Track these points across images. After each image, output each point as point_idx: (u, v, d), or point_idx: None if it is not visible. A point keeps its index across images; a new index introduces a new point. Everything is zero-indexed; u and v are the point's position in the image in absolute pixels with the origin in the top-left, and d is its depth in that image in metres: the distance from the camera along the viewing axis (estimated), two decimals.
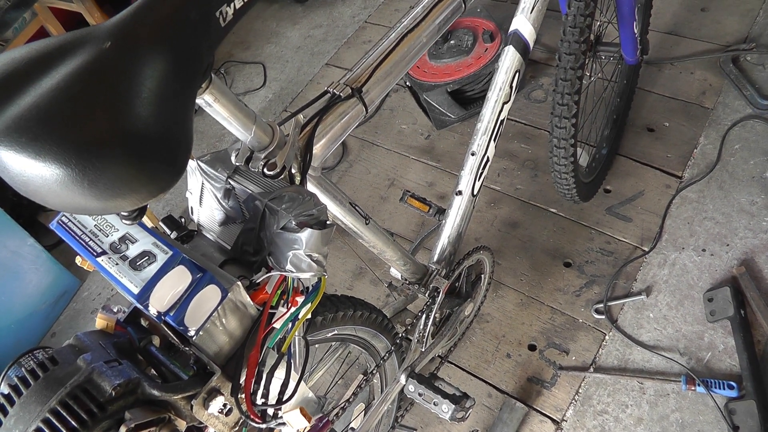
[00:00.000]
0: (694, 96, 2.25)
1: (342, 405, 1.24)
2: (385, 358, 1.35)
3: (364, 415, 1.38)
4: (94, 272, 2.45)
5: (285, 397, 0.80)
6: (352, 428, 1.42)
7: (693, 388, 1.64)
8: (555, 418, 1.73)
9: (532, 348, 1.87)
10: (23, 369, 0.68)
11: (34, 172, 0.53)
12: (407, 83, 2.47)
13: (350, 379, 1.87)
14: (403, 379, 1.40)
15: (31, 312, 2.36)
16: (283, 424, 0.83)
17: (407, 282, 1.40)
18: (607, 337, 1.82)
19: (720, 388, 1.61)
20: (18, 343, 2.31)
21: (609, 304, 1.86)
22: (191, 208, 0.90)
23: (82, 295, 2.50)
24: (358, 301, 1.24)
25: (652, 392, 1.69)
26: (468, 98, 2.42)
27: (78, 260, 0.75)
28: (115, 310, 0.78)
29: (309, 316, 0.83)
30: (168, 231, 0.87)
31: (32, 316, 2.37)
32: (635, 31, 1.80)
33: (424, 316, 1.42)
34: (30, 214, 2.67)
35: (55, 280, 2.42)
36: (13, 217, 2.28)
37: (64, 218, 0.72)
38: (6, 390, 0.66)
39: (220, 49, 3.23)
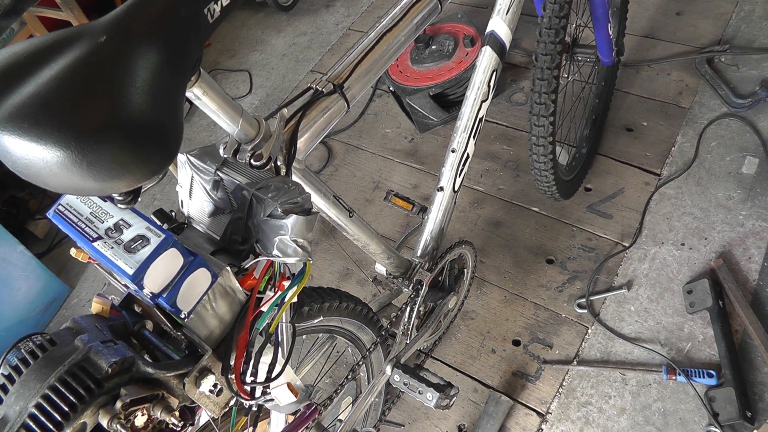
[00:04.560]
0: (671, 96, 2.31)
1: (330, 395, 1.27)
2: (371, 349, 1.38)
3: (352, 407, 1.41)
4: (84, 279, 2.50)
5: (273, 376, 0.84)
6: (340, 419, 1.45)
7: (674, 378, 1.68)
8: (540, 410, 1.77)
9: (516, 343, 1.91)
10: (22, 351, 0.71)
11: (36, 156, 0.56)
12: (390, 88, 2.51)
13: (338, 378, 1.90)
14: (388, 370, 1.43)
15: (21, 319, 2.37)
16: (272, 400, 0.86)
17: (392, 276, 1.43)
18: (589, 331, 1.86)
19: (700, 377, 1.65)
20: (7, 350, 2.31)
21: (591, 298, 1.90)
22: (181, 201, 0.93)
23: (72, 302, 2.51)
24: (343, 293, 1.28)
25: (634, 383, 1.73)
26: (450, 101, 2.47)
27: (72, 252, 0.78)
28: (109, 298, 0.81)
29: (295, 299, 0.86)
30: (159, 224, 0.90)
31: (22, 323, 2.38)
32: (610, 33, 1.85)
33: (408, 308, 1.45)
34: (20, 223, 2.69)
35: (44, 287, 2.44)
36: (3, 225, 2.29)
37: (60, 207, 0.75)
38: (6, 371, 0.69)
39: (206, 57, 3.27)
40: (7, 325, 2.34)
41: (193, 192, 0.91)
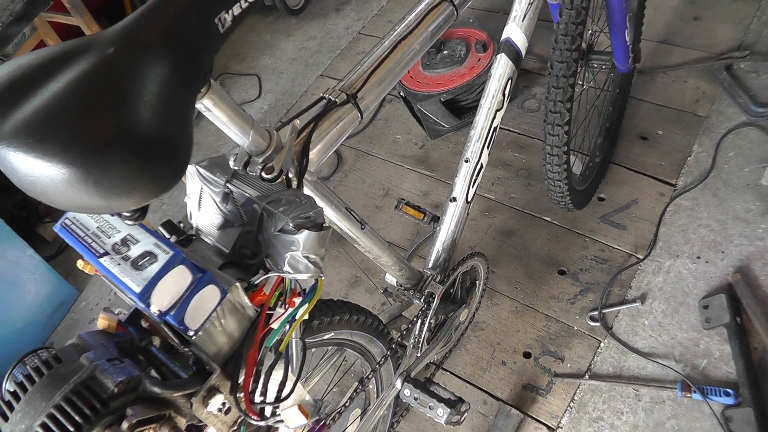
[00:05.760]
0: (688, 104, 2.27)
1: (338, 409, 1.25)
2: (380, 363, 1.36)
3: (360, 420, 1.39)
4: (92, 283, 2.49)
5: (283, 395, 0.82)
6: None
7: (689, 395, 1.64)
8: (550, 425, 1.74)
9: (527, 355, 1.88)
10: (28, 367, 0.69)
11: (42, 173, 0.55)
12: (401, 93, 2.49)
13: (346, 387, 1.88)
14: (398, 383, 1.41)
15: (30, 322, 2.38)
16: (281, 421, 0.84)
17: (402, 288, 1.41)
18: (602, 345, 1.83)
19: (716, 395, 1.61)
20: (16, 352, 2.27)
21: (604, 311, 1.87)
22: (190, 213, 0.91)
23: (80, 305, 2.51)
24: (354, 306, 1.26)
25: (647, 399, 1.70)
26: (461, 108, 2.44)
27: (79, 264, 0.76)
28: (116, 312, 0.79)
29: (306, 317, 0.84)
30: (167, 236, 0.89)
31: (31, 325, 2.38)
32: (627, 39, 1.83)
33: (419, 321, 1.43)
34: (29, 226, 2.70)
35: (53, 290, 2.44)
36: (12, 228, 2.29)
37: (67, 221, 0.73)
38: (12, 387, 0.67)
39: (215, 61, 3.26)
40: (16, 328, 2.34)
41: (201, 204, 0.89)
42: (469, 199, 1.45)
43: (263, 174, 0.84)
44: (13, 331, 2.33)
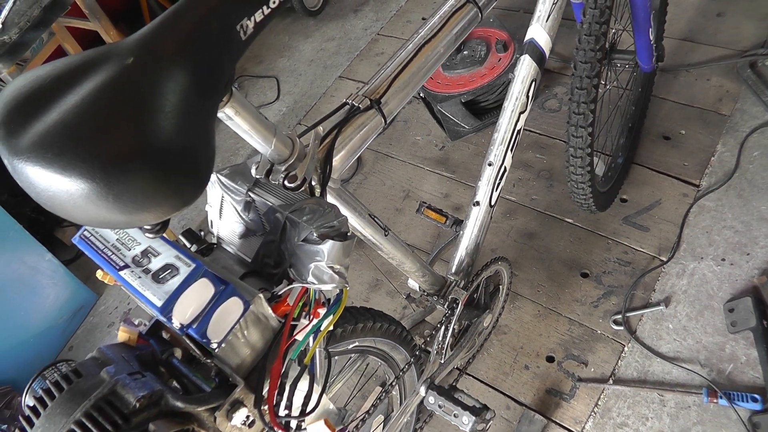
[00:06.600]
0: (711, 103, 2.23)
1: (362, 417, 1.23)
2: (404, 369, 1.34)
3: (383, 428, 1.37)
4: (111, 287, 2.49)
5: (308, 409, 0.80)
6: None
7: (715, 401, 1.61)
8: (574, 430, 1.71)
9: (550, 359, 1.86)
10: (47, 381, 0.68)
11: (60, 187, 0.53)
12: (421, 94, 2.47)
13: (368, 392, 1.86)
14: (422, 390, 1.39)
15: (49, 326, 2.38)
16: None
17: (425, 293, 1.39)
18: (626, 349, 1.80)
19: (743, 401, 1.58)
20: (37, 357, 2.33)
21: (627, 315, 1.85)
22: (211, 221, 0.90)
23: (99, 309, 2.51)
24: (377, 312, 1.24)
25: (672, 404, 1.67)
26: (482, 109, 2.42)
27: (99, 274, 0.75)
28: (136, 323, 0.78)
29: (331, 328, 0.82)
30: (188, 244, 0.87)
31: (50, 330, 2.39)
32: (650, 38, 1.80)
33: (442, 327, 1.41)
34: (47, 230, 2.70)
35: (72, 294, 2.45)
36: (32, 233, 2.30)
37: (86, 233, 0.72)
38: (32, 402, 0.66)
39: None
40: (36, 332, 2.35)
41: (223, 212, 0.88)
42: (492, 203, 1.43)
43: (286, 182, 0.83)
44: (32, 336, 2.34)
